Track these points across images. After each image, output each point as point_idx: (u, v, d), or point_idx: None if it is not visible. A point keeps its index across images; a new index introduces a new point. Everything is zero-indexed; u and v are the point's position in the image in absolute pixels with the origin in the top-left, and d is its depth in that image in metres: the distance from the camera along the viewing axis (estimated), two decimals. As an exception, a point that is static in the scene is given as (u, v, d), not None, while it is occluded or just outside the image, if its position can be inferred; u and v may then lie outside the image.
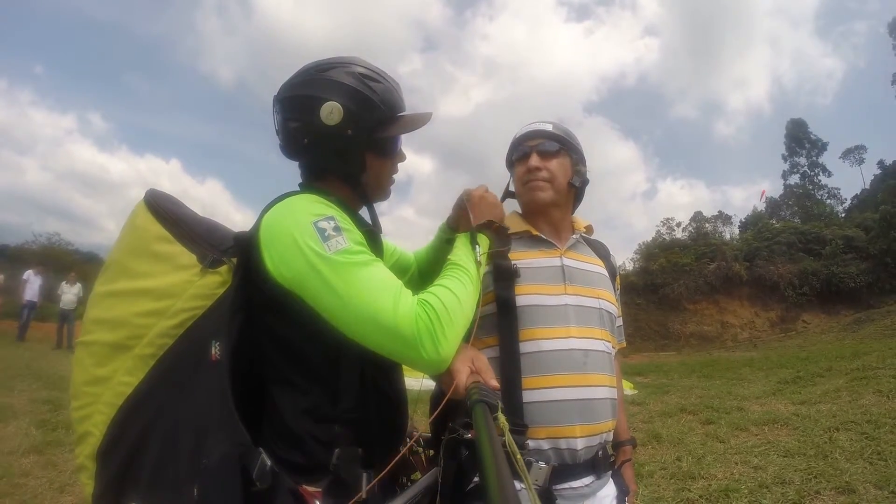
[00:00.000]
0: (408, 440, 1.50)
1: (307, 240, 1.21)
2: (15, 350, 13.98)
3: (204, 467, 1.16)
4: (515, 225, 1.80)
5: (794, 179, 40.01)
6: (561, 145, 1.77)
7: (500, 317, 1.63)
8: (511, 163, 1.87)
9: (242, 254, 1.32)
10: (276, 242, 1.24)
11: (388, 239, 1.84)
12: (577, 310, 1.68)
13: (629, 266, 30.26)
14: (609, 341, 1.74)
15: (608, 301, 1.77)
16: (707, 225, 32.86)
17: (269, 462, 1.17)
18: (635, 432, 6.46)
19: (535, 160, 1.75)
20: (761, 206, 36.43)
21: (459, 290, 1.32)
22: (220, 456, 1.15)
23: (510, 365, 1.58)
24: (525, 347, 1.59)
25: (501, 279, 1.65)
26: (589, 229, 1.90)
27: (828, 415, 6.54)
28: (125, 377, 1.31)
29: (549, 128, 1.78)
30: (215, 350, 1.25)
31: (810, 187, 38.75)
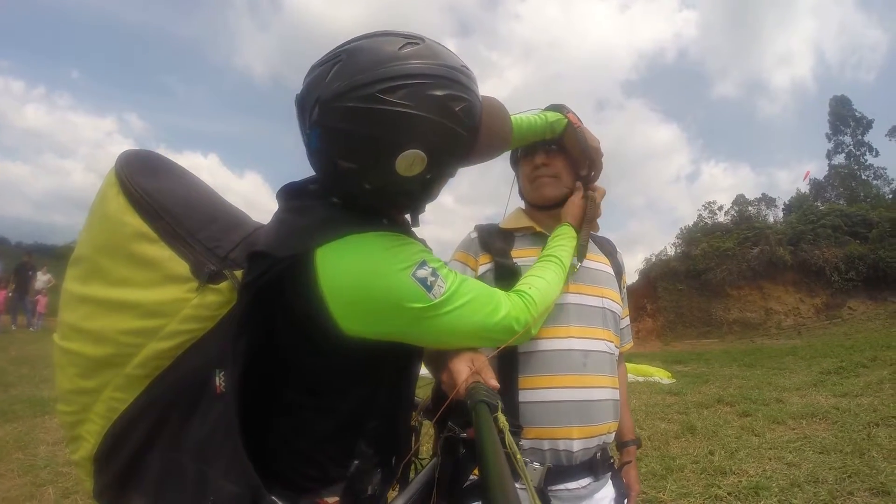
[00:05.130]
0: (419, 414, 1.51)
1: (410, 297, 1.13)
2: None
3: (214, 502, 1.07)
4: (519, 222, 1.82)
5: (840, 159, 38.55)
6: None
7: None
8: (516, 160, 1.86)
9: (265, 278, 1.11)
10: (366, 306, 1.12)
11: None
12: (578, 308, 1.67)
13: (671, 251, 29.79)
14: (612, 341, 1.73)
15: (612, 300, 1.76)
16: (750, 208, 32.00)
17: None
18: (670, 423, 6.51)
19: (541, 157, 1.74)
20: (805, 188, 35.44)
21: (554, 283, 1.47)
22: (229, 496, 1.07)
23: (507, 364, 1.58)
24: (524, 347, 1.59)
25: (502, 277, 1.65)
26: (594, 226, 1.89)
27: (868, 409, 6.39)
28: (117, 393, 1.17)
29: None
30: (220, 381, 1.11)
31: (856, 167, 37.21)
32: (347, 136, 1.10)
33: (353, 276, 1.11)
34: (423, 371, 1.46)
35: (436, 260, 1.22)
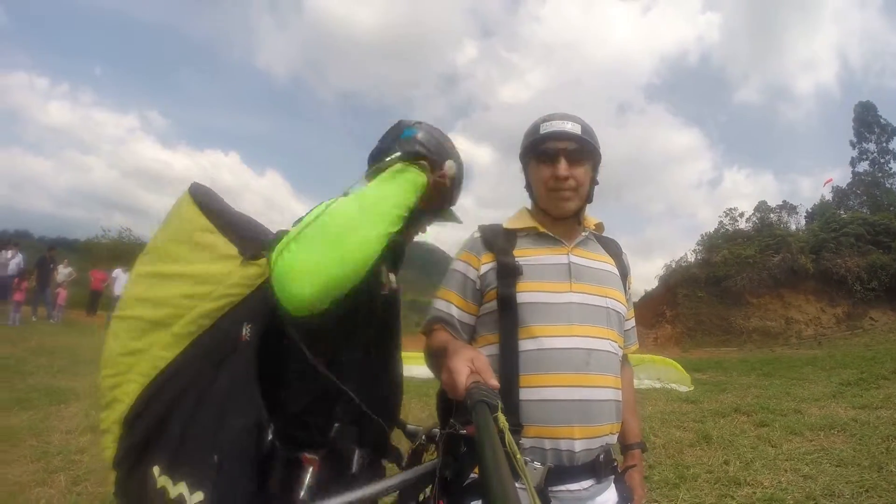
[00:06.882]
0: (422, 437, 1.60)
1: None
2: (81, 338, 14.62)
3: (224, 438, 1.28)
4: (522, 221, 1.81)
5: (864, 167, 37.93)
6: (587, 150, 1.72)
7: (501, 314, 1.64)
8: (528, 156, 1.80)
9: None
10: None
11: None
12: (581, 308, 1.65)
13: (691, 258, 29.67)
14: (616, 342, 1.71)
15: (617, 300, 1.74)
16: (772, 215, 31.73)
17: (270, 435, 1.33)
18: (686, 431, 6.46)
19: (563, 168, 1.68)
20: (827, 195, 35.07)
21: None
22: (240, 428, 1.29)
23: (508, 363, 1.58)
24: (526, 345, 1.59)
25: (504, 276, 1.65)
26: (599, 227, 1.88)
27: (888, 422, 6.29)
28: (162, 352, 1.39)
29: (578, 130, 1.70)
30: (245, 332, 1.35)
31: (879, 175, 36.83)
32: None
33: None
34: (424, 371, 1.48)
35: None
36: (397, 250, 1.65)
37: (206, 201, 1.54)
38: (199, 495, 1.24)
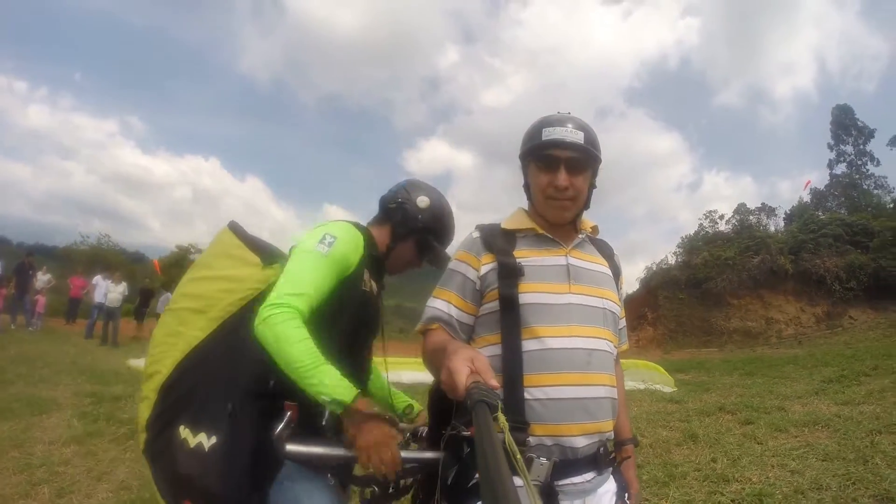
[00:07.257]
0: (409, 436, 1.99)
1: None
2: (61, 346, 14.44)
3: (238, 391, 1.70)
4: (521, 222, 1.80)
5: (841, 168, 38.37)
6: (588, 158, 1.71)
7: (503, 314, 1.63)
8: (528, 158, 1.79)
9: None
10: None
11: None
12: (581, 309, 1.67)
13: (671, 260, 29.84)
14: (612, 341, 1.73)
15: (612, 301, 1.76)
16: (751, 217, 31.95)
17: (271, 383, 1.70)
18: (672, 431, 6.50)
19: (563, 179, 1.67)
20: (806, 197, 35.44)
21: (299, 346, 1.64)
22: (254, 381, 1.72)
23: (512, 362, 1.58)
24: (529, 345, 1.59)
25: (505, 277, 1.65)
26: (595, 230, 1.89)
27: (871, 417, 6.37)
28: (197, 332, 1.82)
29: (581, 139, 1.67)
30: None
31: (857, 177, 37.31)
32: None
33: None
34: (410, 377, 1.51)
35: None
36: (381, 268, 2.14)
37: (238, 230, 2.03)
38: (214, 438, 1.65)
